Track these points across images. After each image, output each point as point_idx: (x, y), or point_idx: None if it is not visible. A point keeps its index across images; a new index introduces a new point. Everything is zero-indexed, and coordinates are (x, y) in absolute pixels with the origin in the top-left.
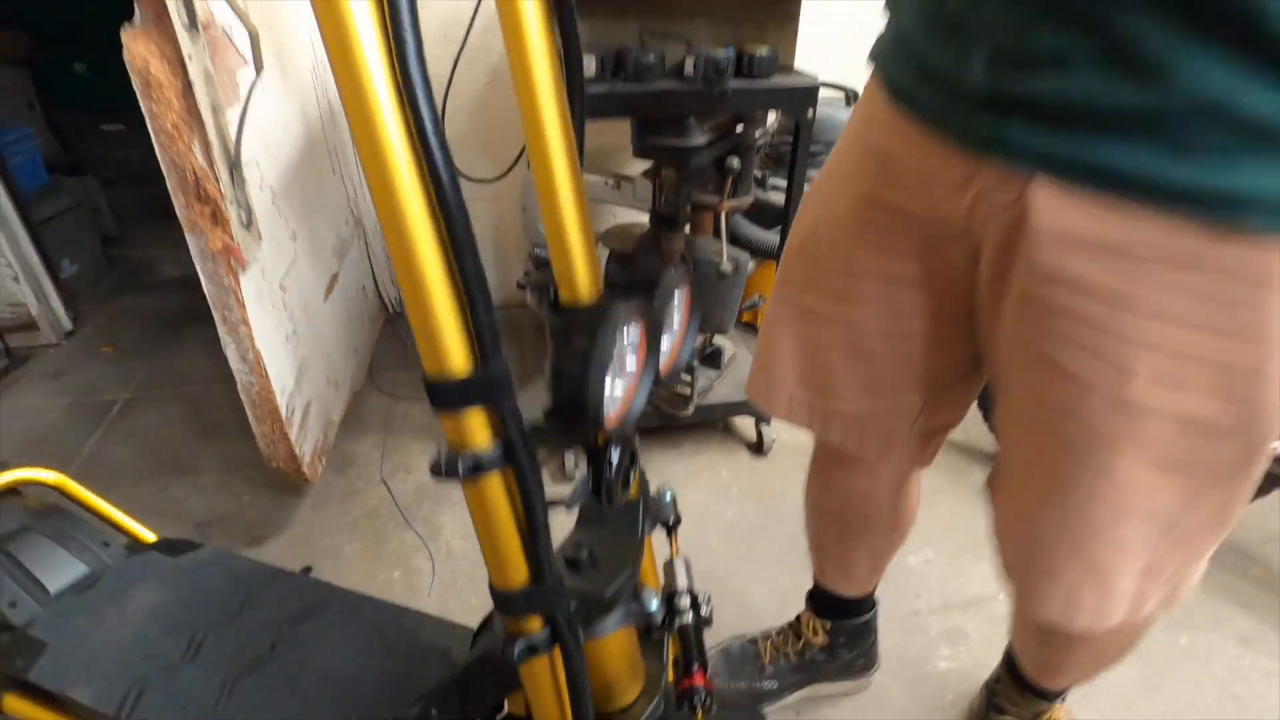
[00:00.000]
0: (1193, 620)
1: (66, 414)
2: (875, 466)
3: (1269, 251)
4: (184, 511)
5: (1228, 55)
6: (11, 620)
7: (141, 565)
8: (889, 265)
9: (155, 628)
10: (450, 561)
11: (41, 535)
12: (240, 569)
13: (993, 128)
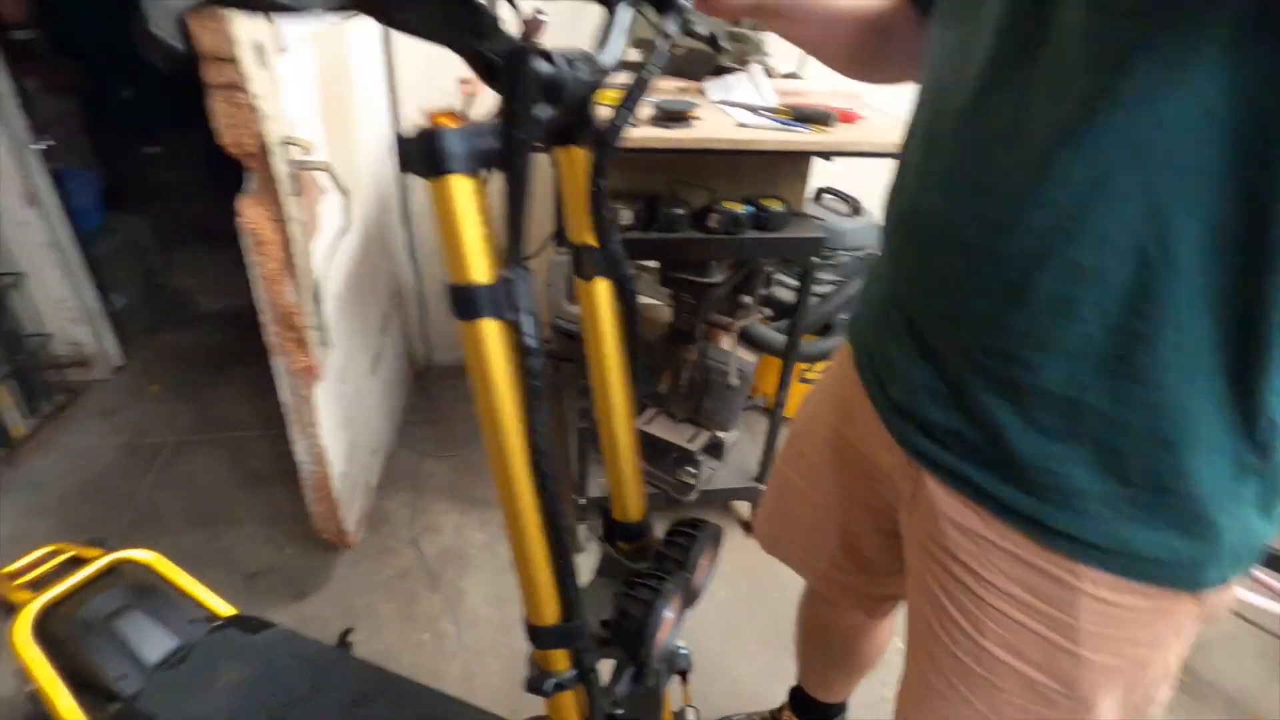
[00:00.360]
0: None
1: (121, 455)
2: (844, 609)
3: (1077, 564)
4: (234, 563)
5: (1044, 427)
6: (123, 692)
7: (223, 641)
8: (845, 478)
9: (241, 705)
10: (475, 628)
11: (140, 612)
12: (307, 651)
13: (900, 429)
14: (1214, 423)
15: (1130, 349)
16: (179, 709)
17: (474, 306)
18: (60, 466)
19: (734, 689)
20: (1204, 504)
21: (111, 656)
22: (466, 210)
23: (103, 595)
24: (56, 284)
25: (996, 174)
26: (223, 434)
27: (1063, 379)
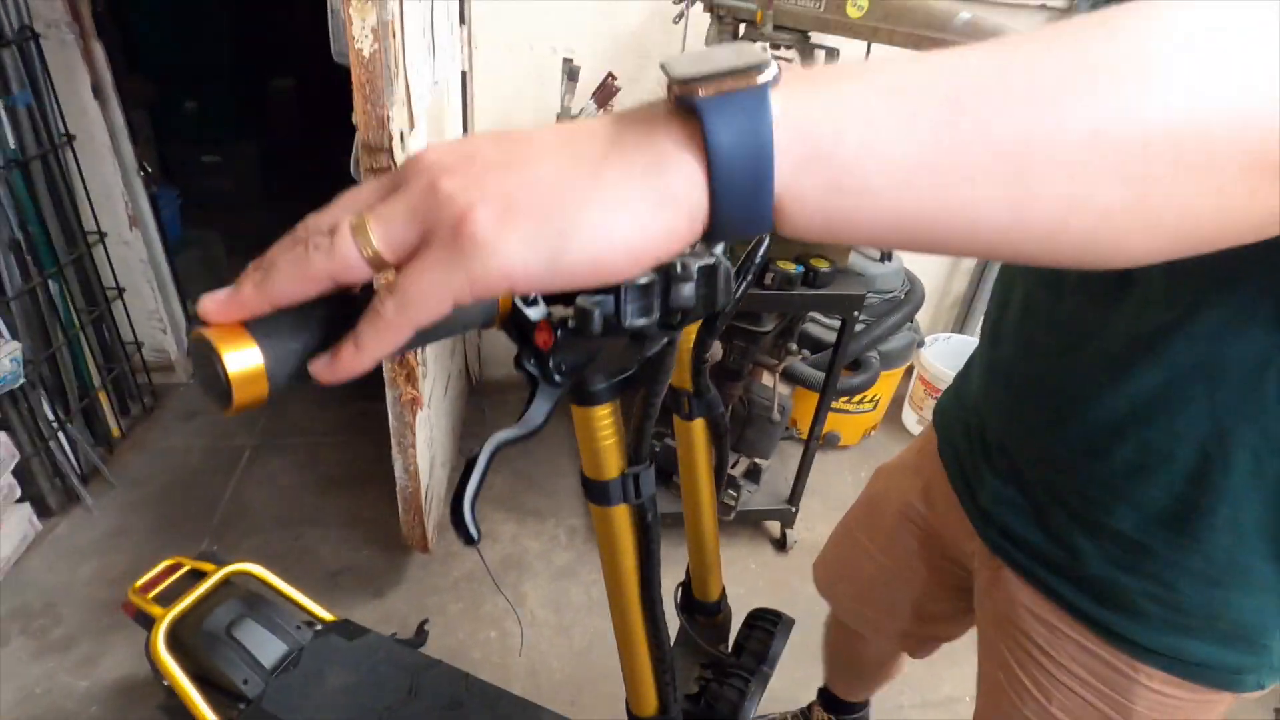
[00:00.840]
0: None
1: (205, 457)
2: (880, 644)
3: (1136, 662)
4: (317, 561)
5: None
6: (248, 694)
7: (327, 646)
8: (921, 549)
9: (350, 707)
10: (535, 627)
11: (253, 621)
12: (401, 657)
13: (984, 529)
14: (1261, 573)
15: (1190, 513)
16: (297, 711)
17: (606, 496)
18: (152, 465)
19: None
20: (1251, 630)
21: (235, 663)
22: (606, 429)
23: (221, 607)
24: (150, 297)
25: (1085, 359)
26: (297, 439)
27: (1132, 525)
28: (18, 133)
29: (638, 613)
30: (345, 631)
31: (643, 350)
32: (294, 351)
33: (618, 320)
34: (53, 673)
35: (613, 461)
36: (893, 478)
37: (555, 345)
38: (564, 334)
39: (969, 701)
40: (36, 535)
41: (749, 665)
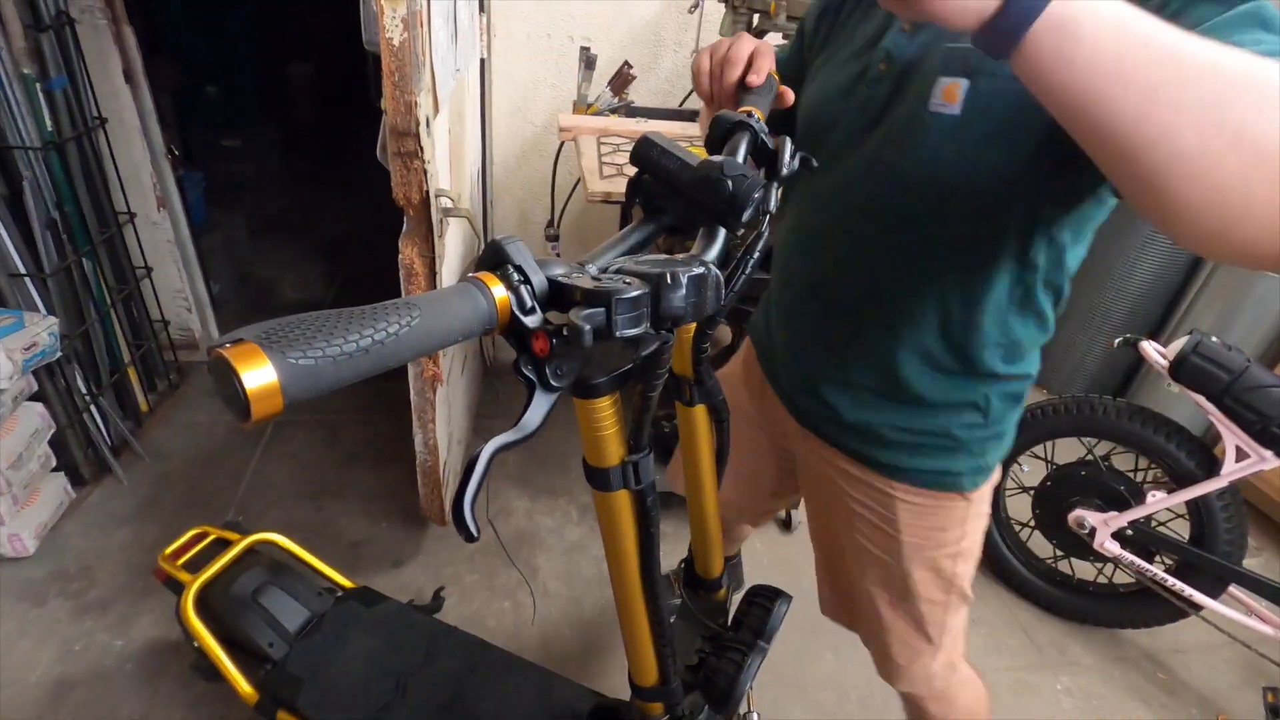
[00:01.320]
0: (1105, 710)
1: (229, 432)
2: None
3: (891, 481)
4: (339, 532)
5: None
6: (273, 656)
7: (347, 612)
8: (763, 439)
9: (371, 669)
10: (547, 599)
11: (277, 588)
12: (419, 623)
13: (790, 405)
14: (969, 403)
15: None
16: (321, 673)
17: (607, 482)
18: (179, 440)
19: (771, 663)
20: (969, 442)
21: (260, 627)
22: (606, 420)
23: (247, 574)
24: (175, 276)
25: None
26: (319, 416)
27: (870, 380)
28: (54, 115)
29: (638, 590)
30: (365, 598)
31: (638, 351)
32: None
33: (609, 331)
34: (90, 632)
35: (613, 450)
36: (736, 389)
37: (551, 352)
38: (559, 342)
39: None
40: (71, 503)
41: (747, 639)
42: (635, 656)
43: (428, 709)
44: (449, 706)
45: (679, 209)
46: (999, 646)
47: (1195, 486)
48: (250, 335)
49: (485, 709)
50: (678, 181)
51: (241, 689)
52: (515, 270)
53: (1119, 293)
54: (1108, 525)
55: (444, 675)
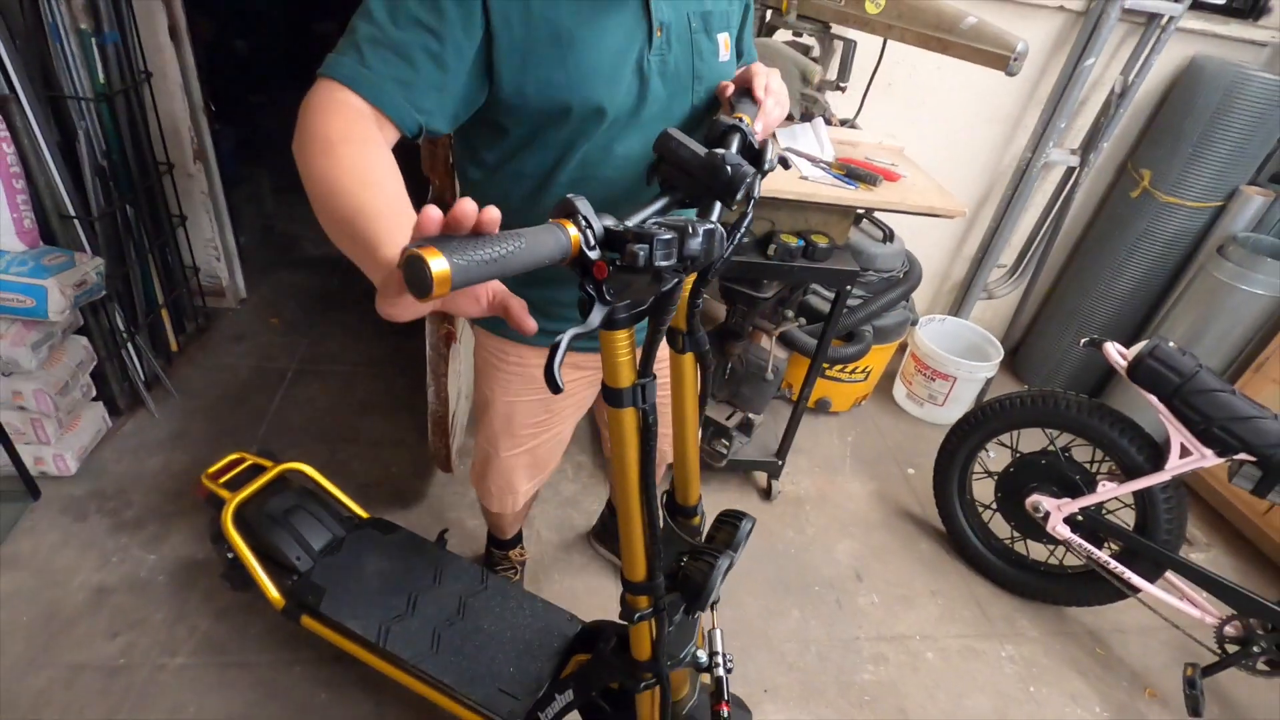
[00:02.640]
0: (1043, 678)
1: (254, 375)
2: None
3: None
4: (351, 473)
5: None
6: (299, 568)
7: (365, 537)
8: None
9: (385, 586)
10: (540, 545)
11: (305, 511)
12: (428, 550)
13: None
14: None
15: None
16: (340, 584)
17: (620, 400)
18: (206, 379)
19: (742, 616)
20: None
21: (290, 542)
22: (623, 349)
23: (278, 496)
24: (207, 226)
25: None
26: (336, 366)
27: None
28: (106, 69)
29: (637, 494)
30: (381, 527)
31: (659, 287)
32: (461, 267)
33: (650, 261)
34: (126, 546)
35: (626, 374)
36: None
37: (608, 276)
38: (613, 270)
39: (919, 639)
40: (108, 431)
41: (717, 549)
42: (629, 554)
43: (435, 621)
44: (453, 622)
45: (688, 187)
46: (954, 615)
47: (1142, 479)
48: (430, 244)
49: (486, 625)
50: (690, 166)
51: (271, 595)
52: (582, 218)
53: (1102, 298)
54: (1061, 510)
55: (450, 595)
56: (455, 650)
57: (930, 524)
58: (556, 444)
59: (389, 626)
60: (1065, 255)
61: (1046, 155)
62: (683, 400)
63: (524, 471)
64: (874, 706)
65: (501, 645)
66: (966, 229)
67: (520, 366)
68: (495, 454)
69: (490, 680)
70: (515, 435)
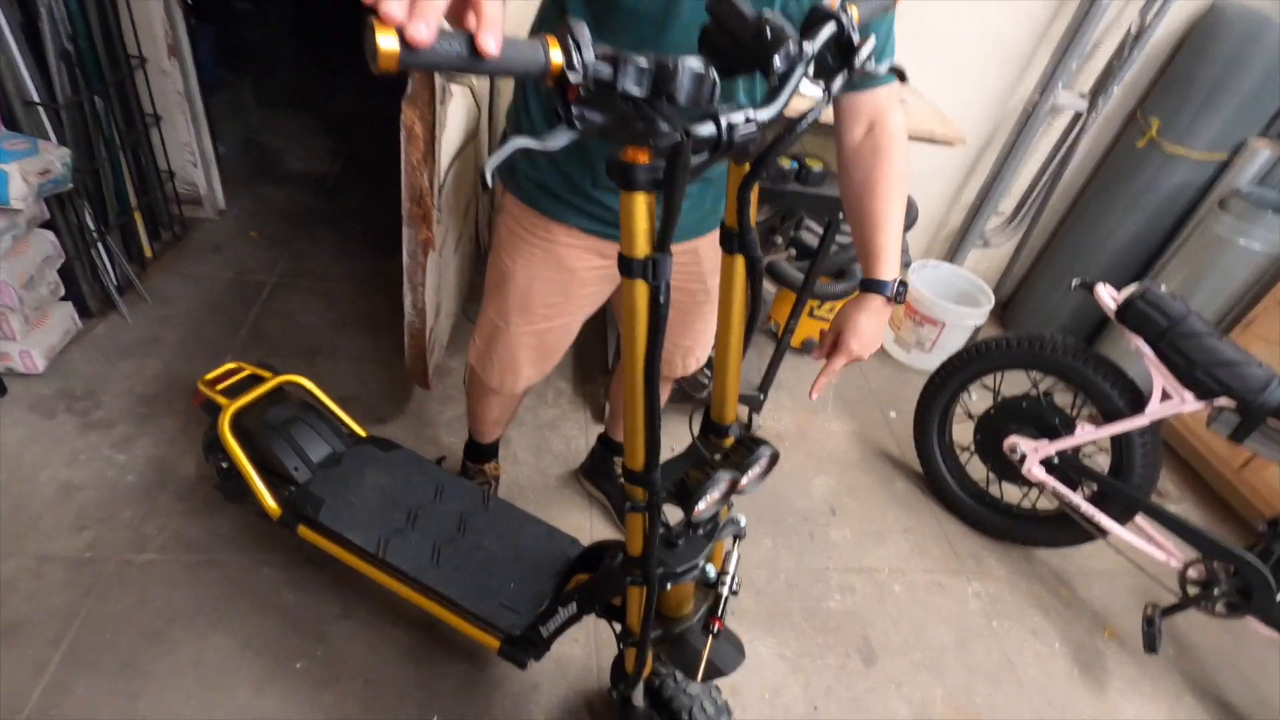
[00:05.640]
0: (1006, 614)
1: (231, 287)
2: None
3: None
4: (328, 388)
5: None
6: (297, 479)
7: (364, 453)
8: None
9: (385, 501)
10: (516, 467)
11: (304, 423)
12: (429, 469)
13: None
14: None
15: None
16: (339, 496)
17: (631, 270)
18: (182, 287)
19: None
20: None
21: (289, 452)
22: (641, 214)
23: (278, 406)
24: (183, 129)
25: None
26: (314, 282)
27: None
28: None
29: (641, 376)
30: (381, 444)
31: (657, 139)
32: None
33: (614, 81)
34: (95, 445)
35: (641, 244)
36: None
37: (578, 98)
38: (585, 93)
39: (888, 573)
40: (78, 332)
41: (723, 465)
42: (630, 440)
43: (436, 537)
44: (454, 539)
45: (730, 51)
46: (924, 551)
47: (1121, 422)
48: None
49: (487, 543)
50: (733, 26)
51: (266, 504)
52: (572, 39)
53: (1099, 251)
54: (1037, 452)
55: (450, 513)
56: (456, 565)
57: (907, 465)
58: (564, 334)
59: (388, 539)
60: (1065, 206)
61: (1055, 97)
62: (729, 306)
63: (529, 353)
64: (837, 632)
65: (503, 563)
66: (967, 174)
67: (548, 243)
68: (506, 327)
69: (492, 595)
70: (530, 311)
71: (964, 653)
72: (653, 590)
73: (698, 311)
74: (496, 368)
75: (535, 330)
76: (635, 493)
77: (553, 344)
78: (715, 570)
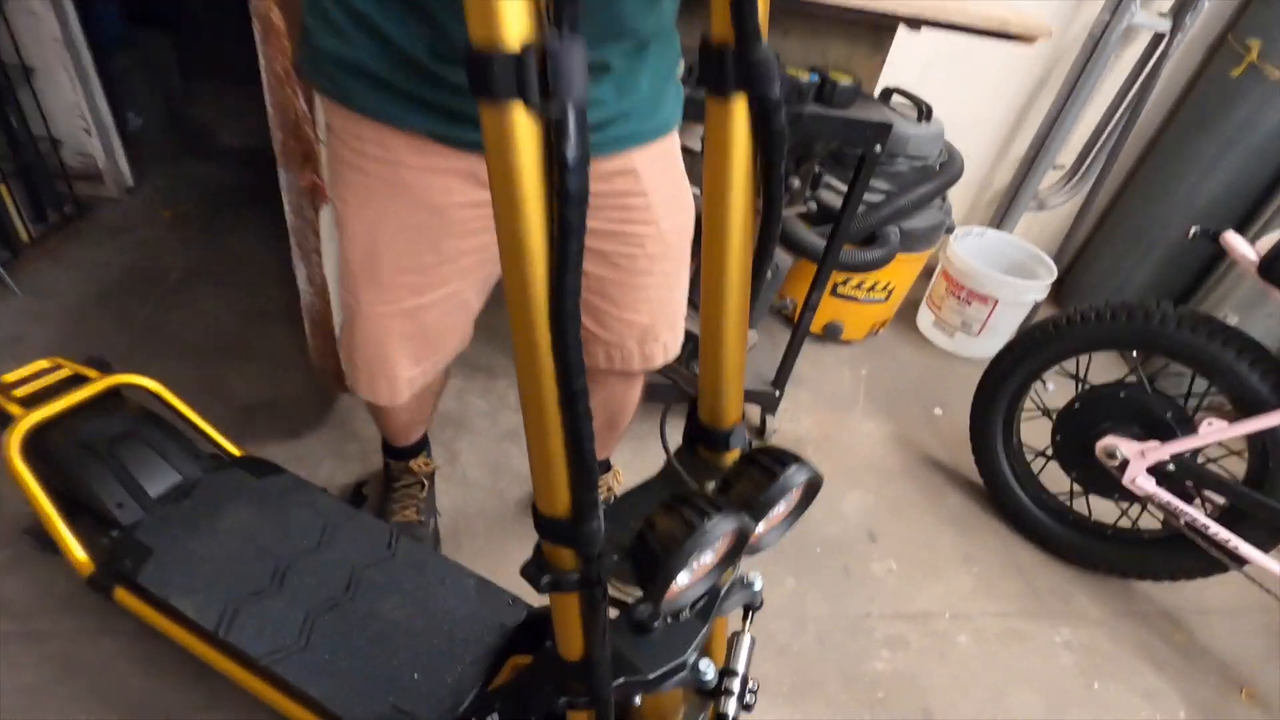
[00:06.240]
0: (1109, 670)
1: (127, 275)
2: None
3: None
4: (232, 394)
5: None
6: (121, 520)
7: (229, 481)
8: None
9: (245, 549)
10: (465, 487)
11: (140, 442)
12: (319, 503)
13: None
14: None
15: None
16: (178, 544)
17: (491, 84)
18: (66, 277)
19: None
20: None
21: (110, 483)
22: None
23: (104, 419)
24: (68, 86)
25: None
26: (235, 268)
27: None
28: None
29: (541, 341)
30: (255, 468)
31: None
32: None
33: None
34: None
35: (511, 12)
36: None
37: None
38: None
39: (949, 619)
40: None
41: (715, 505)
42: (540, 462)
43: (311, 602)
44: (337, 602)
45: None
46: (992, 588)
47: (1265, 416)
48: None
49: (387, 608)
50: None
51: (74, 556)
52: None
53: (1183, 206)
54: (1145, 457)
55: (338, 565)
56: (333, 646)
57: (962, 475)
58: (456, 311)
59: (237, 608)
60: (1138, 154)
61: (1129, 17)
62: (723, 214)
63: (402, 344)
64: (888, 705)
65: (406, 639)
66: (1017, 122)
67: (385, 164)
68: (357, 307)
69: (381, 692)
70: (380, 281)
71: None
72: (597, 603)
73: (650, 270)
74: (362, 369)
75: (402, 310)
76: (560, 557)
77: (437, 328)
78: (715, 669)
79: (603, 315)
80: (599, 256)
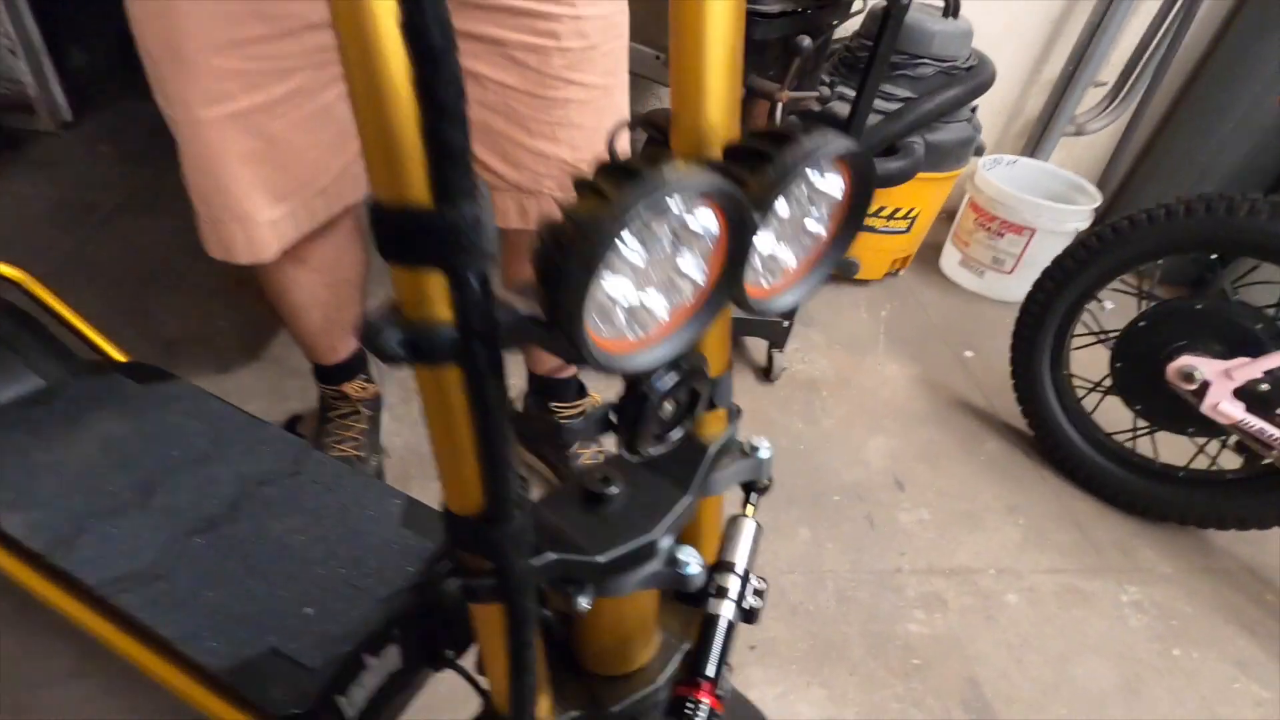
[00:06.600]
0: (1189, 634)
1: (54, 207)
2: None
3: None
4: (156, 328)
5: None
6: None
7: (104, 387)
8: None
9: (107, 461)
10: (419, 427)
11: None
12: (215, 410)
13: None
14: None
15: None
16: (19, 454)
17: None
18: None
19: None
20: None
21: None
22: None
23: None
24: None
25: None
26: (175, 201)
27: None
28: None
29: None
30: (141, 374)
31: None
32: None
33: None
34: None
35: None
36: None
37: None
38: None
39: (994, 575)
40: None
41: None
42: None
43: (180, 521)
44: (215, 523)
45: None
46: (1044, 541)
47: None
48: None
49: (279, 530)
50: None
51: None
52: None
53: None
54: (1230, 378)
55: (224, 480)
56: (201, 575)
57: (1000, 419)
58: (317, 121)
59: (81, 528)
60: (1188, 71)
61: None
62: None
63: (246, 167)
64: (925, 675)
65: (301, 567)
66: (1051, 36)
67: None
68: (175, 115)
69: (257, 631)
70: (190, 61)
71: (1137, 703)
72: (522, 620)
73: (568, 78)
74: (204, 215)
75: (235, 113)
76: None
77: (294, 146)
78: (701, 562)
79: (510, 148)
80: (494, 49)
